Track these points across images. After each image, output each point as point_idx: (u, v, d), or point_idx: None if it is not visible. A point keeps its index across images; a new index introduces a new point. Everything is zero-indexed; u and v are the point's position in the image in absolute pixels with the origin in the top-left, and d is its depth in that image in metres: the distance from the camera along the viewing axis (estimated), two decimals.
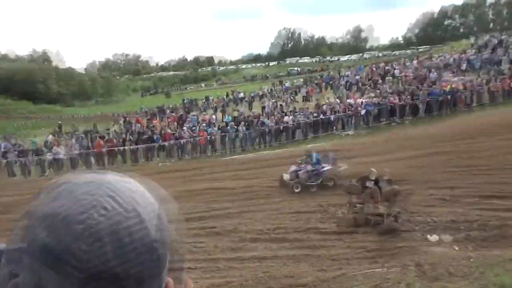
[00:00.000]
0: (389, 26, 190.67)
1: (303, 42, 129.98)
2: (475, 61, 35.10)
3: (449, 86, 26.67)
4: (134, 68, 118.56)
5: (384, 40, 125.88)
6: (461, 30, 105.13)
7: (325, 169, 13.80)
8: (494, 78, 27.28)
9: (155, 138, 24.47)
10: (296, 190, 13.27)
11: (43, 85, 63.34)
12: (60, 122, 37.37)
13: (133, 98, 75.16)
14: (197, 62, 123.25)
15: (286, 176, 13.74)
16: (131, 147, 24.01)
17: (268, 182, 15.15)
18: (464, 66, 34.83)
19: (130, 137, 25.13)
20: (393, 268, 7.27)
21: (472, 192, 10.99)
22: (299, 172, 13.62)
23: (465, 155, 14.99)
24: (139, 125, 29.18)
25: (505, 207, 9.50)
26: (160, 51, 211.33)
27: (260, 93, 41.83)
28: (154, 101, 55.17)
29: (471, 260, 6.98)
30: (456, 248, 7.93)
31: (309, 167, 13.76)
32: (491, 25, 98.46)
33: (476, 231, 8.51)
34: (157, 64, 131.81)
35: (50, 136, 27.85)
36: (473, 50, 39.33)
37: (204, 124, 26.86)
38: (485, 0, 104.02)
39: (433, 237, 8.55)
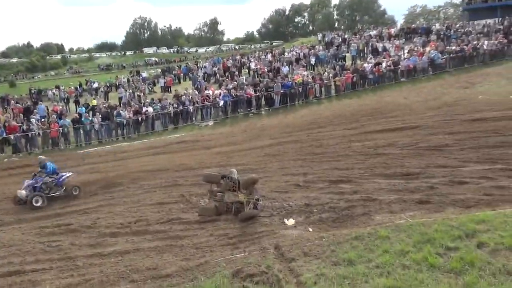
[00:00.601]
0: (242, 20, 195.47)
1: (160, 32, 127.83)
2: (323, 57, 37.80)
3: (300, 79, 28.36)
4: None
5: (238, 34, 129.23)
6: (310, 27, 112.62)
7: (64, 177, 13.32)
8: (339, 72, 29.65)
9: None
10: (37, 204, 12.39)
11: None
12: None
13: None
14: (45, 49, 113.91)
15: (22, 193, 12.55)
16: None
17: (127, 174, 14.74)
18: (313, 61, 37.33)
19: None
20: (254, 252, 7.52)
21: (323, 177, 11.80)
22: (36, 185, 12.81)
23: (316, 143, 16.11)
24: None
25: (351, 190, 10.37)
26: None
27: (117, 83, 40.21)
28: None
29: (324, 240, 7.51)
30: (310, 230, 8.45)
31: (47, 178, 13.07)
32: (336, 24, 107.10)
33: (327, 213, 9.13)
34: None
35: None
36: (321, 46, 42.28)
37: (54, 116, 25.01)
38: (330, 1, 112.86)
39: (290, 221, 9.06)
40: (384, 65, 29.62)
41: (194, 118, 26.35)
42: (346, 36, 46.68)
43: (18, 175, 16.91)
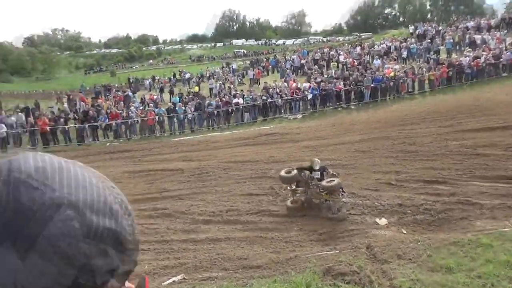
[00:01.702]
0: (330, 11, 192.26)
1: (248, 24, 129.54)
2: (415, 50, 36.33)
3: (392, 73, 27.48)
4: (75, 45, 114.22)
5: (325, 26, 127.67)
6: (401, 18, 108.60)
7: None
8: (433, 66, 28.35)
9: (101, 117, 23.81)
10: None
11: None
12: None
13: (76, 75, 72.58)
14: (142, 40, 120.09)
15: None
16: (76, 126, 23.41)
17: (218, 164, 15.14)
18: (405, 54, 36.01)
19: (75, 115, 24.40)
20: (345, 250, 7.42)
21: (417, 177, 11.32)
22: None
23: (409, 141, 15.51)
24: (83, 103, 28.25)
25: (448, 192, 9.85)
26: (98, 28, 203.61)
27: (207, 74, 41.40)
28: (98, 80, 53.40)
29: (419, 243, 7.24)
30: (404, 232, 8.18)
31: None
32: (429, 15, 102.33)
33: (422, 215, 8.77)
34: (100, 41, 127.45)
35: None
36: (413, 39, 40.63)
37: (151, 104, 26.35)
38: None
39: (382, 221, 8.83)
40: (483, 58, 27.86)
41: (283, 111, 26.47)
42: (440, 28, 44.46)
43: (118, 159, 18.13)
